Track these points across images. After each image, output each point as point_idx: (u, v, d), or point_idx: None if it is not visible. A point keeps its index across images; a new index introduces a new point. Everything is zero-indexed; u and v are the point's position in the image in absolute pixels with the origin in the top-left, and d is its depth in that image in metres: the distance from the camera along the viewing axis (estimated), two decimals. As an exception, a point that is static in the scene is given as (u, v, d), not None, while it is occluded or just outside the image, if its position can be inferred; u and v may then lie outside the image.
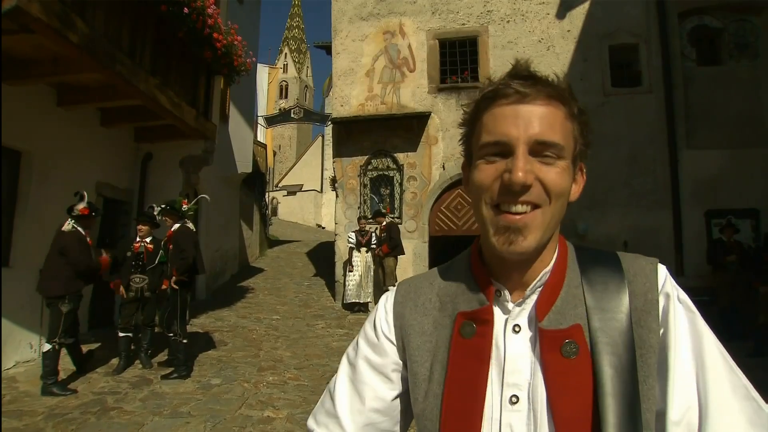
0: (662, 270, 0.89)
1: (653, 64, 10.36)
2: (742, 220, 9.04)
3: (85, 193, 6.11)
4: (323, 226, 38.58)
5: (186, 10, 6.82)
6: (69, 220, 5.91)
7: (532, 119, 0.84)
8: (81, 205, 5.98)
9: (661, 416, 0.81)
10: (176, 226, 6.54)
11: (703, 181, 9.88)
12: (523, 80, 0.86)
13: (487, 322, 0.88)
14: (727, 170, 9.75)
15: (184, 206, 6.69)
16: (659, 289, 0.87)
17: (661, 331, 0.85)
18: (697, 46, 10.47)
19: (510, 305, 0.89)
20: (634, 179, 10.20)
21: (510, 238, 0.83)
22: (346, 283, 10.50)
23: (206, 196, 7.59)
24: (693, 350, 0.83)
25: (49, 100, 6.73)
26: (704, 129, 10.02)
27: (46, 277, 5.76)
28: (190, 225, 6.68)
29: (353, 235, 10.52)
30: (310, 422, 1.01)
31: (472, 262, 0.97)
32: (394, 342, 0.98)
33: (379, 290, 10.34)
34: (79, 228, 5.92)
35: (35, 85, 6.34)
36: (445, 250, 11.57)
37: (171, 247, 6.43)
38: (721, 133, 9.89)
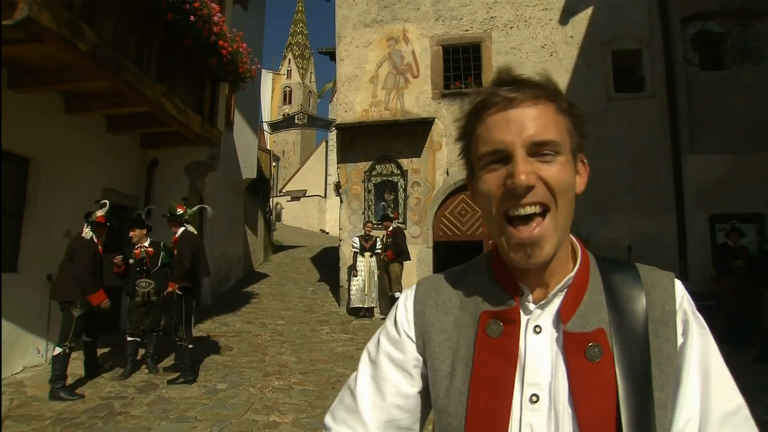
0: (679, 284, 0.92)
1: (656, 70, 10.39)
2: (746, 224, 9.01)
3: (107, 203, 6.21)
4: (327, 231, 38.56)
5: (192, 18, 6.87)
6: (86, 226, 5.99)
7: (524, 122, 0.85)
8: (99, 213, 6.08)
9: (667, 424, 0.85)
10: (180, 231, 6.60)
11: (706, 186, 9.89)
12: (508, 86, 0.88)
13: (514, 322, 0.90)
14: (730, 175, 9.75)
15: (179, 210, 6.70)
16: (677, 303, 0.90)
17: (680, 342, 0.87)
18: (700, 51, 10.49)
19: (531, 306, 0.91)
20: (637, 184, 10.21)
21: (528, 252, 0.85)
22: (351, 288, 10.52)
23: (208, 207, 7.48)
24: (701, 365, 0.86)
25: (56, 107, 6.79)
26: (707, 134, 10.04)
27: (59, 281, 5.84)
28: (191, 229, 6.71)
29: (357, 240, 10.54)
30: (327, 419, 1.02)
31: (493, 264, 0.99)
32: (414, 339, 0.99)
33: (384, 296, 10.36)
34: (93, 236, 6.01)
35: (43, 92, 6.40)
36: (449, 256, 11.60)
37: (175, 253, 6.48)
38: (725, 137, 9.90)
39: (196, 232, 6.80)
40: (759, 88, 10.00)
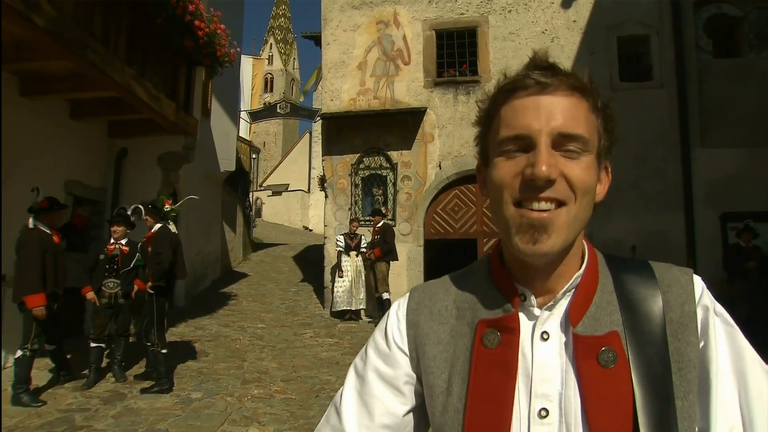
0: (698, 281, 0.89)
1: (665, 57, 10.36)
2: (761, 223, 8.96)
3: (39, 187, 6.01)
4: (310, 228, 38.52)
5: (165, -7, 6.74)
6: (31, 217, 5.83)
7: (555, 110, 0.83)
8: (39, 199, 5.92)
9: None
10: (156, 227, 6.49)
11: (718, 182, 9.87)
12: (544, 70, 0.85)
13: (513, 330, 0.87)
14: (744, 170, 9.73)
15: (167, 206, 6.64)
16: (696, 301, 0.87)
17: (701, 344, 0.84)
18: (714, 36, 10.45)
19: (537, 311, 0.88)
20: (643, 180, 10.18)
21: (534, 236, 0.81)
22: (335, 290, 10.44)
23: (194, 197, 7.61)
24: (734, 366, 0.84)
25: (10, 90, 6.55)
26: (720, 126, 10.02)
27: (16, 281, 5.74)
28: (172, 227, 6.66)
29: (342, 238, 10.48)
30: None
31: (492, 267, 0.96)
32: (407, 352, 0.96)
33: (371, 297, 10.34)
34: (42, 227, 5.82)
35: (-6, 72, 6.20)
36: (440, 255, 11.53)
37: (150, 249, 6.37)
38: (739, 130, 9.87)
39: (175, 231, 6.67)
40: (777, 76, 9.95)
